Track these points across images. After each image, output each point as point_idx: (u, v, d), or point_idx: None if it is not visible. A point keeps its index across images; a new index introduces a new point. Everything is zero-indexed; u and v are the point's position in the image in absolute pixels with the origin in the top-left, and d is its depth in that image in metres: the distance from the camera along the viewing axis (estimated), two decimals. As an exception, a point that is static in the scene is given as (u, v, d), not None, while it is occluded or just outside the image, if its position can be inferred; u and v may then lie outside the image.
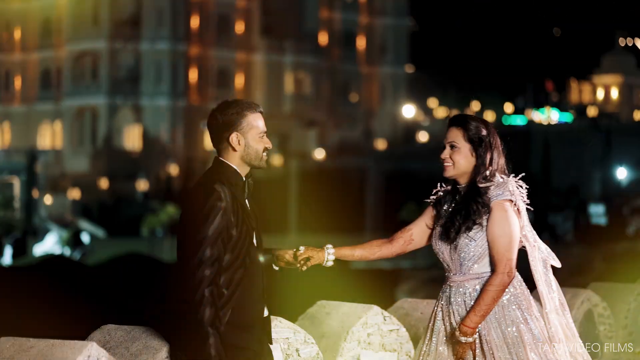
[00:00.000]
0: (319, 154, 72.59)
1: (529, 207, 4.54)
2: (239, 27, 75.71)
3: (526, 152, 61.77)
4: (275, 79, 76.20)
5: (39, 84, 76.07)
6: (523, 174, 4.58)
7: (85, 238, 43.14)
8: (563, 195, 58.28)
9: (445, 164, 4.57)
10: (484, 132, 4.55)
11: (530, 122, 72.85)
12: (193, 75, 73.48)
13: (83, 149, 72.43)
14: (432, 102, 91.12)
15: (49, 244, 42.00)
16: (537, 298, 4.56)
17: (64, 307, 26.86)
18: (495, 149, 4.56)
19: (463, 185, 4.57)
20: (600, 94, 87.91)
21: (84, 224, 57.44)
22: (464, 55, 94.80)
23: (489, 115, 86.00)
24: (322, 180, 60.31)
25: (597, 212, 51.97)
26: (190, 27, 73.13)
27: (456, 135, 4.57)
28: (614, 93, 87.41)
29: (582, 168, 61.93)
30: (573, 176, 60.92)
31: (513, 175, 4.56)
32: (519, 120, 77.78)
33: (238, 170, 4.33)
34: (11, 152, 67.07)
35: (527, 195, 4.53)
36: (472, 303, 4.45)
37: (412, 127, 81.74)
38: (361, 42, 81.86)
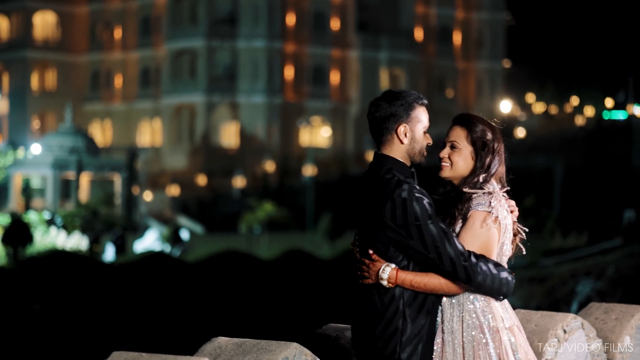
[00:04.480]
0: (415, 150, 72.18)
1: (522, 227, 4.31)
2: (335, 24, 75.77)
3: (628, 148, 60.37)
4: (370, 75, 76.07)
5: (138, 82, 77.42)
6: (508, 188, 4.30)
7: (184, 235, 43.52)
8: (666, 192, 56.69)
9: (443, 163, 4.39)
10: (489, 136, 4.33)
11: (632, 117, 71.11)
12: (289, 72, 73.83)
13: (181, 146, 73.45)
14: (530, 97, 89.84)
15: (149, 241, 42.48)
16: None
17: (171, 306, 27.20)
18: (498, 155, 4.32)
19: (455, 187, 4.35)
20: None
21: (183, 220, 58.21)
22: (562, 49, 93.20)
23: (589, 110, 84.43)
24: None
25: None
26: (286, 24, 73.49)
27: (459, 135, 4.38)
28: None
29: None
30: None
31: (500, 186, 4.29)
32: (620, 115, 76.07)
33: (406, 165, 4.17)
34: (112, 149, 68.45)
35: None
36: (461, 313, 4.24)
37: (509, 123, 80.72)
38: (457, 37, 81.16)
